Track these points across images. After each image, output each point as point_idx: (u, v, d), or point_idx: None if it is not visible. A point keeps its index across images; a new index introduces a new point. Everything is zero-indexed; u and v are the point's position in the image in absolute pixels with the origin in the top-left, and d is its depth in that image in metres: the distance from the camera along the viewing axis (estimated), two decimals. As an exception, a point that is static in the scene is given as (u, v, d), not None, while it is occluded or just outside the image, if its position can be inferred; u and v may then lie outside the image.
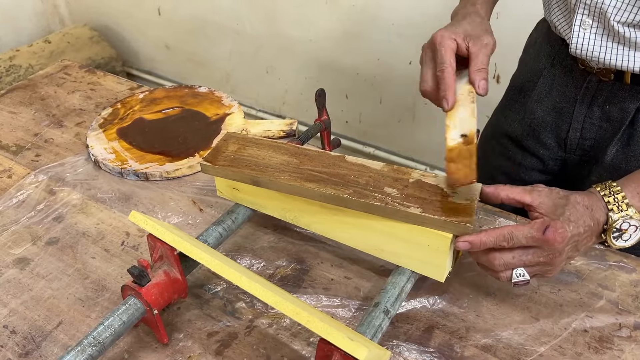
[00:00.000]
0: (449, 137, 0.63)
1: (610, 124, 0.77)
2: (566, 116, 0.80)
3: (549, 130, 0.84)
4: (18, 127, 1.03)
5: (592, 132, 0.79)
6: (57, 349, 0.64)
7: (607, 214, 0.58)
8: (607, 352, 0.62)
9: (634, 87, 0.72)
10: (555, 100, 0.81)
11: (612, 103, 0.75)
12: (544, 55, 0.83)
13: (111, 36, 2.33)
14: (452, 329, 0.65)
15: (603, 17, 0.67)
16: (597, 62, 0.71)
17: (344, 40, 1.76)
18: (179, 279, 0.63)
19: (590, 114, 0.78)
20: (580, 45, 0.71)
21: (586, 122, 0.79)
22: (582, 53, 0.71)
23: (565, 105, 0.80)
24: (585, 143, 0.81)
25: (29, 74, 1.98)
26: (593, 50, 0.70)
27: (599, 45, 0.69)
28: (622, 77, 0.72)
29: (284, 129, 0.98)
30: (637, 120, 0.74)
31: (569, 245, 0.58)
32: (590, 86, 0.76)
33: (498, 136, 0.93)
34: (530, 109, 0.85)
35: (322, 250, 0.75)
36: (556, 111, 0.82)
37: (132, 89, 1.14)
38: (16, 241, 0.79)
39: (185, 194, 0.86)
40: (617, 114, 0.75)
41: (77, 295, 0.70)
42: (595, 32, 0.69)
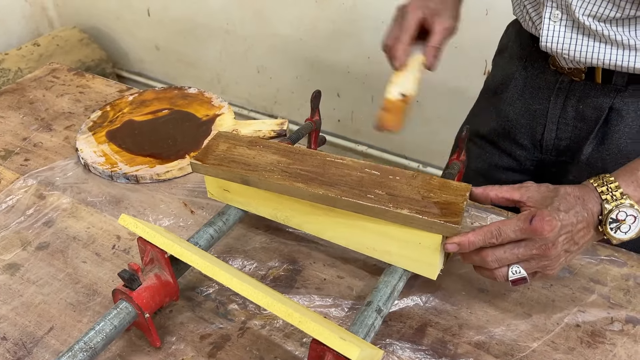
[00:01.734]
0: (390, 91, 0.72)
1: (584, 124, 0.77)
2: (540, 118, 0.80)
3: (523, 132, 0.84)
4: (6, 132, 1.03)
5: (567, 132, 0.79)
6: (49, 355, 0.64)
7: (600, 204, 0.57)
8: (599, 347, 0.62)
9: (605, 86, 0.72)
10: (529, 102, 0.81)
11: (585, 103, 0.75)
12: (515, 57, 0.83)
13: (101, 38, 2.32)
14: (445, 326, 0.65)
15: (569, 9, 0.67)
16: (567, 57, 0.71)
17: (335, 39, 1.75)
18: (170, 282, 0.63)
19: (564, 114, 0.78)
20: (551, 39, 0.70)
21: (560, 122, 0.79)
22: (552, 47, 0.71)
23: (539, 107, 0.80)
24: (560, 143, 0.81)
25: (18, 77, 1.97)
26: (563, 43, 0.70)
27: (569, 38, 0.69)
28: (593, 76, 0.72)
29: (274, 129, 0.97)
30: (610, 118, 0.74)
31: (562, 236, 0.57)
32: (562, 87, 0.76)
33: (473, 138, 0.93)
34: (504, 111, 0.85)
35: (315, 250, 0.75)
36: (530, 113, 0.82)
37: (122, 91, 1.13)
38: (6, 247, 0.78)
39: (176, 196, 0.86)
40: (590, 113, 0.75)
41: (68, 300, 0.70)
42: (565, 25, 0.69)
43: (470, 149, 0.93)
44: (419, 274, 0.64)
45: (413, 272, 0.65)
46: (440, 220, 0.59)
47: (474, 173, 0.93)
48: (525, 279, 0.58)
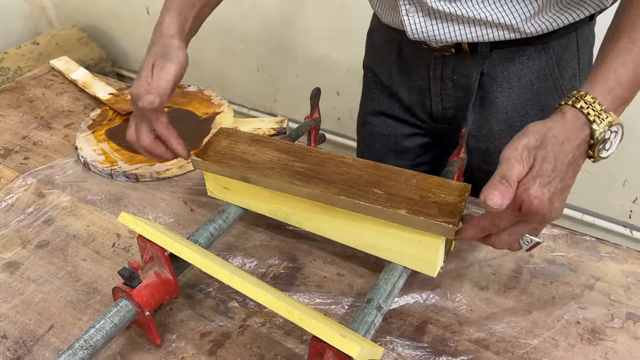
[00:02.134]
0: None
1: (463, 92, 0.82)
2: (426, 92, 0.86)
3: (416, 106, 0.89)
4: (6, 130, 1.03)
5: (450, 102, 0.84)
6: (49, 353, 0.64)
7: (590, 128, 0.54)
8: (599, 343, 0.62)
9: (473, 55, 0.77)
10: (414, 79, 0.86)
11: (459, 73, 0.81)
12: (391, 41, 0.87)
13: (100, 37, 2.32)
14: (445, 323, 0.65)
15: (421, 0, 0.72)
16: (434, 41, 0.76)
17: (334, 37, 1.75)
18: (170, 279, 0.63)
19: (444, 86, 0.83)
20: (415, 31, 0.75)
21: (443, 94, 0.84)
22: (419, 37, 0.75)
23: (423, 82, 0.85)
24: (448, 113, 0.86)
25: (18, 76, 1.97)
26: (427, 32, 0.75)
27: (430, 26, 0.74)
28: (461, 48, 0.77)
29: (274, 127, 0.97)
30: (484, 83, 0.80)
31: (554, 199, 0.53)
32: (437, 62, 0.81)
33: (371, 119, 0.96)
34: (395, 91, 0.90)
35: (315, 248, 0.75)
36: (417, 89, 0.87)
37: (121, 89, 1.13)
38: (6, 245, 0.78)
39: (176, 194, 0.86)
40: (465, 81, 0.81)
41: (68, 298, 0.70)
42: (422, 15, 0.74)
43: (370, 130, 0.97)
44: (419, 271, 0.64)
45: (413, 270, 0.65)
46: (437, 221, 0.59)
47: (383, 151, 0.97)
48: (539, 243, 0.56)
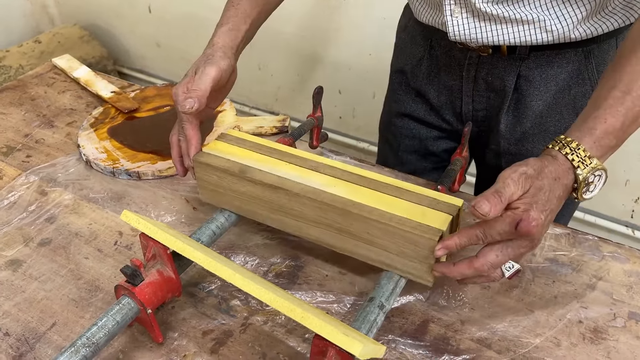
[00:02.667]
0: None
1: (496, 94, 0.82)
2: (457, 93, 0.85)
3: (445, 107, 0.88)
4: (8, 128, 1.03)
5: (482, 103, 0.84)
6: (51, 350, 0.64)
7: (574, 173, 0.57)
8: (602, 343, 0.62)
9: (510, 57, 0.77)
10: (444, 79, 0.86)
11: (494, 74, 0.80)
12: (420, 38, 0.87)
13: (102, 35, 2.32)
14: (447, 322, 0.65)
15: (467, 2, 0.72)
16: (475, 43, 0.75)
17: (336, 36, 1.75)
18: (172, 277, 0.63)
19: (477, 87, 0.83)
20: (458, 32, 0.75)
21: (475, 95, 0.84)
22: (461, 38, 0.75)
23: (454, 82, 0.85)
24: (478, 115, 0.86)
25: (19, 74, 1.97)
26: (470, 34, 0.74)
27: (474, 27, 0.74)
28: (499, 49, 0.77)
29: (276, 126, 0.97)
30: (520, 86, 0.79)
31: (545, 225, 0.56)
32: (471, 62, 0.81)
33: (396, 120, 0.96)
34: (422, 90, 0.89)
35: (316, 247, 0.75)
36: (447, 89, 0.86)
37: (123, 87, 1.13)
38: (8, 243, 0.78)
39: (178, 192, 0.86)
40: (499, 83, 0.80)
41: (70, 296, 0.70)
42: (467, 16, 0.73)
43: (394, 131, 0.98)
44: (416, 281, 0.64)
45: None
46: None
47: (406, 153, 0.97)
48: (519, 270, 0.58)
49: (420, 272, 0.62)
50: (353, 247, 0.65)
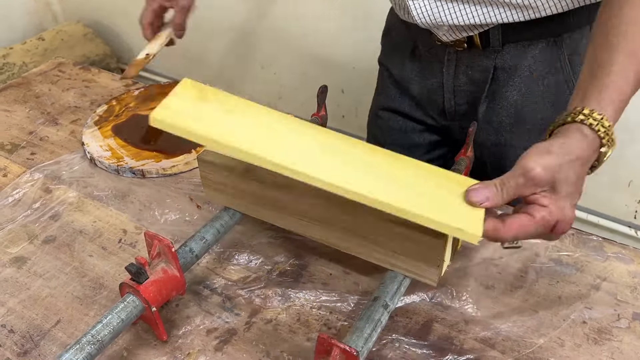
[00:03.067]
0: (140, 54, 1.01)
1: (476, 86, 0.83)
2: (438, 89, 0.87)
3: (427, 103, 0.90)
4: (13, 126, 1.03)
5: (464, 97, 0.85)
6: (56, 348, 0.64)
7: (599, 150, 0.54)
8: (606, 343, 0.62)
9: (485, 50, 0.78)
10: (426, 77, 0.87)
11: (472, 68, 0.82)
12: (405, 38, 0.89)
13: (105, 33, 2.32)
14: (451, 322, 0.65)
15: None
16: (443, 26, 0.76)
17: (339, 35, 1.75)
18: (177, 275, 0.63)
19: (457, 82, 0.84)
20: (422, 15, 0.76)
21: (456, 90, 0.85)
22: (426, 21, 0.76)
23: (435, 80, 0.86)
24: (460, 108, 0.87)
25: (23, 71, 1.97)
26: (433, 14, 0.75)
27: (435, 7, 0.75)
28: (473, 43, 0.78)
29: (280, 124, 0.97)
30: (497, 76, 0.81)
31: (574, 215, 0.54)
32: (450, 58, 0.82)
33: (382, 114, 0.98)
34: (407, 88, 0.91)
35: (321, 245, 0.74)
36: (428, 88, 0.88)
37: (127, 85, 1.13)
38: (13, 240, 0.78)
39: (182, 190, 0.86)
40: (479, 75, 0.82)
41: (74, 293, 0.70)
42: None
43: (380, 125, 0.99)
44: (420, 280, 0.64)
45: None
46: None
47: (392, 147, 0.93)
48: (519, 247, 0.58)
49: (424, 272, 0.62)
50: (358, 246, 0.65)
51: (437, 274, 0.61)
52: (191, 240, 0.67)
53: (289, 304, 0.68)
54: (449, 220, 0.52)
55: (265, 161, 0.54)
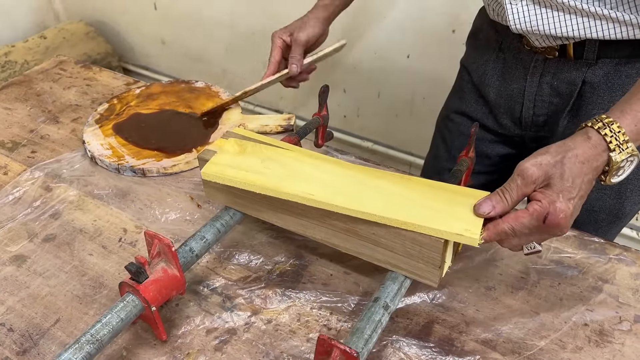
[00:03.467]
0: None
1: (560, 99, 0.80)
2: (518, 97, 0.84)
3: (503, 111, 0.87)
4: (13, 124, 1.03)
5: (544, 108, 0.83)
6: (55, 347, 0.64)
7: (608, 155, 0.56)
8: (607, 346, 0.61)
9: (577, 61, 0.75)
10: (507, 82, 0.85)
11: (559, 79, 0.79)
12: (492, 40, 0.86)
13: (107, 31, 2.32)
14: (452, 323, 0.65)
15: None
16: (537, 33, 0.74)
17: (341, 34, 1.75)
18: (177, 275, 0.62)
19: (540, 91, 0.81)
20: (517, 20, 0.73)
21: (537, 99, 0.82)
22: (521, 27, 0.74)
23: (516, 86, 0.84)
24: (538, 119, 0.85)
25: (25, 69, 1.97)
26: (530, 21, 0.73)
27: (534, 15, 0.72)
28: (566, 53, 0.75)
29: (281, 124, 0.97)
30: (584, 91, 0.78)
31: (574, 213, 0.56)
32: (537, 65, 0.80)
33: (454, 117, 0.96)
34: (484, 92, 0.89)
35: (321, 246, 0.74)
36: (508, 93, 0.85)
37: (129, 84, 1.13)
38: (13, 238, 0.78)
39: (182, 189, 0.86)
40: (565, 88, 0.79)
41: (74, 292, 0.70)
42: (527, 3, 0.72)
43: (450, 127, 0.98)
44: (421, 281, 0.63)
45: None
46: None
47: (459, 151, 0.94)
48: (539, 251, 0.58)
49: (425, 273, 0.62)
50: (358, 247, 0.65)
51: (438, 275, 0.61)
52: (191, 240, 0.67)
53: (289, 304, 0.68)
54: (449, 227, 0.57)
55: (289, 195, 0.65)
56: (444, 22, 1.50)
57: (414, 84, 1.68)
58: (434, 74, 1.62)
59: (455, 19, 1.48)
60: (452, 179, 0.73)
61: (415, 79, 1.67)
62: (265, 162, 0.69)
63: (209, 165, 0.70)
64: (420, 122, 1.75)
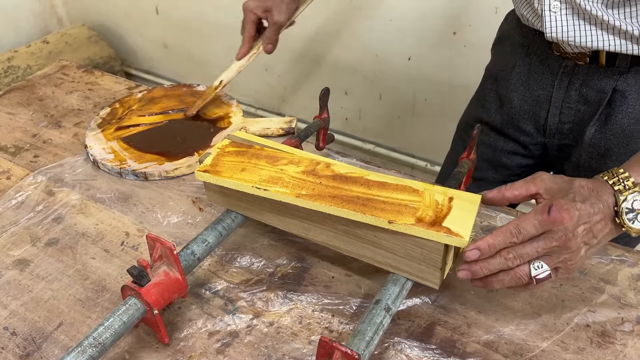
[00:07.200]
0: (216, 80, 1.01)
1: (587, 106, 0.78)
2: (544, 103, 0.82)
3: (527, 118, 0.85)
4: (16, 128, 1.03)
5: (570, 115, 0.81)
6: (58, 350, 0.64)
7: (614, 195, 0.56)
8: (609, 347, 0.61)
9: (609, 68, 0.73)
10: (532, 88, 0.83)
11: (588, 86, 0.76)
12: (518, 45, 0.85)
13: (109, 36, 2.33)
14: (454, 325, 0.65)
15: None
16: (573, 45, 0.72)
17: (343, 37, 1.75)
18: (179, 278, 0.63)
19: (568, 98, 0.79)
20: (555, 29, 0.72)
21: (564, 106, 0.80)
22: (558, 37, 0.72)
23: (542, 92, 0.82)
24: (564, 127, 0.83)
25: (28, 74, 1.98)
26: (567, 32, 0.71)
27: (572, 26, 0.70)
28: (597, 59, 0.73)
29: (282, 127, 0.97)
30: (614, 100, 0.75)
31: (580, 226, 0.55)
32: (566, 71, 0.78)
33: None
34: (508, 98, 0.87)
35: (323, 248, 0.74)
36: (533, 99, 0.83)
37: (130, 88, 1.14)
38: (15, 242, 0.78)
39: (184, 193, 0.86)
40: (594, 95, 0.76)
41: (77, 296, 0.70)
42: (566, 13, 0.70)
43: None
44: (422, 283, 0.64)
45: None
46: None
47: (478, 159, 0.93)
48: (549, 274, 0.56)
49: (426, 275, 0.62)
50: (360, 249, 0.65)
51: (439, 277, 0.61)
52: (193, 243, 0.67)
53: (291, 306, 0.68)
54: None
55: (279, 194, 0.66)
56: (444, 24, 1.51)
57: (415, 86, 1.68)
58: (435, 75, 1.62)
59: (456, 21, 1.48)
60: (452, 180, 0.73)
61: (416, 81, 1.67)
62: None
63: (204, 166, 0.70)
64: (422, 124, 1.75)
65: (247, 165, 0.69)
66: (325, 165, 0.68)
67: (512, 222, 0.56)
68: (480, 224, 0.77)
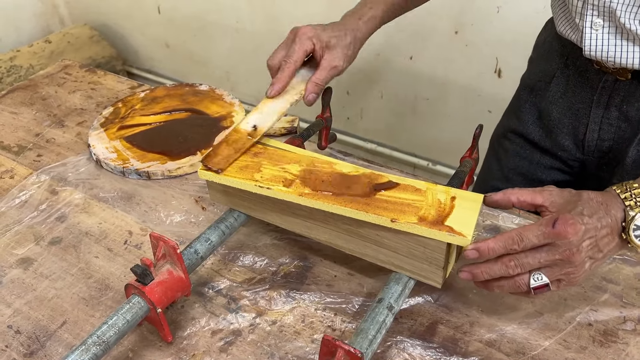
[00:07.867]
0: (245, 120, 0.73)
1: (628, 124, 0.75)
2: (583, 117, 0.78)
3: (565, 131, 0.82)
4: (19, 128, 1.04)
5: (610, 132, 0.77)
6: (62, 349, 0.64)
7: (624, 210, 0.55)
8: (611, 346, 0.62)
9: None
10: (571, 101, 0.79)
11: (629, 103, 0.73)
12: (556, 55, 0.82)
13: (111, 35, 2.33)
14: (456, 324, 0.65)
15: (613, 16, 0.66)
16: (612, 63, 0.69)
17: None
18: (182, 277, 0.63)
19: (608, 114, 0.76)
20: (594, 47, 0.69)
21: (603, 123, 0.77)
22: (597, 55, 0.69)
23: (582, 106, 0.78)
24: (603, 144, 0.79)
25: (30, 74, 1.98)
26: (608, 51, 0.68)
27: (613, 45, 0.68)
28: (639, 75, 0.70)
29: (285, 126, 0.98)
30: None
31: (586, 241, 0.54)
32: (606, 86, 0.74)
33: (511, 136, 0.91)
34: (546, 110, 0.83)
35: (325, 247, 0.75)
36: (572, 112, 0.80)
37: (133, 87, 1.14)
38: (19, 241, 0.79)
39: (187, 192, 0.86)
40: (635, 113, 0.73)
41: (80, 294, 0.71)
42: (608, 32, 0.68)
43: (506, 147, 0.92)
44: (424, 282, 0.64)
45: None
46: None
47: (513, 172, 0.91)
48: (547, 286, 0.55)
49: (429, 274, 0.62)
50: (362, 248, 0.66)
51: (441, 276, 0.61)
52: (196, 242, 0.68)
53: (294, 305, 0.68)
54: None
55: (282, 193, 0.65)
56: (446, 24, 1.51)
57: (417, 85, 1.68)
58: (437, 75, 1.62)
59: (458, 20, 1.48)
60: (455, 180, 0.73)
61: (418, 81, 1.67)
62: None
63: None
64: (423, 124, 1.75)
65: (250, 164, 0.70)
66: (327, 165, 0.69)
67: (515, 229, 0.55)
68: (483, 222, 0.77)
